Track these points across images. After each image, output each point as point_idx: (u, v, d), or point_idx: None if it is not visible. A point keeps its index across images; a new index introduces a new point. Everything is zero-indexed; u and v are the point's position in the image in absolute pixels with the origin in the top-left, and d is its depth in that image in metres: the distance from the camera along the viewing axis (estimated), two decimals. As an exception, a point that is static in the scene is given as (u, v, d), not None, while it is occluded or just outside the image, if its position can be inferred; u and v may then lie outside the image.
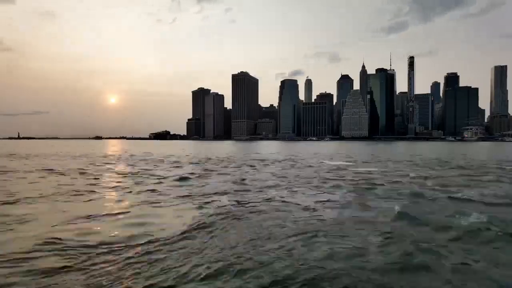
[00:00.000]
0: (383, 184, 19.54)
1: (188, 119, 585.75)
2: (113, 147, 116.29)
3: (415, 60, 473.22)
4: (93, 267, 6.91)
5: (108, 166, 34.40)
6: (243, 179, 22.28)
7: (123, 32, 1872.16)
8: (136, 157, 52.02)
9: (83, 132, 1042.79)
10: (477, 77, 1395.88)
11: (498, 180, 22.04)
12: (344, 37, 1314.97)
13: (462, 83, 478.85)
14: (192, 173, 25.94)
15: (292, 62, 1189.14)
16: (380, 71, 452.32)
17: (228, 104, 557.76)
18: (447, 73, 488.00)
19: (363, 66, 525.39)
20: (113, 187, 19.06)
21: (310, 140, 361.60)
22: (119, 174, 26.41)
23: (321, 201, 14.31)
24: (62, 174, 25.86)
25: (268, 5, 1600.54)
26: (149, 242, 8.60)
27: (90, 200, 14.78)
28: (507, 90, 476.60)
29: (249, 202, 14.16)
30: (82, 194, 16.02)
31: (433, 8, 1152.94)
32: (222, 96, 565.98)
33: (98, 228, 10.14)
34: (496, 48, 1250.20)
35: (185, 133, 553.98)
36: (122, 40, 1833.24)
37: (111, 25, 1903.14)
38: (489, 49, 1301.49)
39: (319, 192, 17.00)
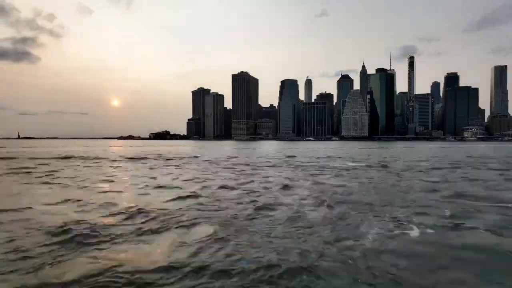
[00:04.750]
0: None
1: (188, 119, 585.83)
2: (168, 147, 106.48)
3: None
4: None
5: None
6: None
7: (123, 32, 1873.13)
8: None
9: (82, 132, 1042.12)
10: (477, 77, 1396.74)
11: None
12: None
13: (462, 83, 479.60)
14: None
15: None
16: (380, 71, 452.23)
17: (228, 104, 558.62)
18: (447, 73, 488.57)
19: (363, 66, 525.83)
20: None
21: (316, 140, 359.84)
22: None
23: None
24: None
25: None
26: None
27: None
28: (507, 90, 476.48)
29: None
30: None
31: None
32: (222, 96, 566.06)
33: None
34: None
35: (185, 133, 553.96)
36: (123, 39, 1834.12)
37: (113, 25, 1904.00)
38: None
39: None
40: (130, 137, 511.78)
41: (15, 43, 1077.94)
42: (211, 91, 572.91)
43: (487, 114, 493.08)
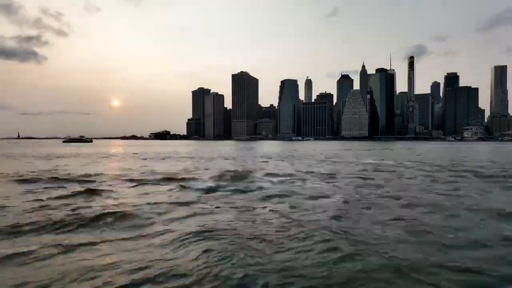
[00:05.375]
0: None
1: (188, 119, 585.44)
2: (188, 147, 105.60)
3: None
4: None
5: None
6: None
7: (123, 32, 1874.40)
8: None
9: (83, 132, 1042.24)
10: (477, 77, 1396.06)
11: None
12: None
13: (462, 83, 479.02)
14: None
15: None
16: (380, 71, 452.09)
17: (228, 104, 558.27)
18: (447, 73, 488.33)
19: (363, 66, 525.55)
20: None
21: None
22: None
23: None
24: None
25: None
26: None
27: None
28: (507, 90, 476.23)
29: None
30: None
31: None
32: (222, 96, 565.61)
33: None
34: None
35: (185, 133, 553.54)
36: (123, 39, 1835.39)
37: (113, 26, 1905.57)
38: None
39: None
40: (133, 137, 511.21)
41: (20, 42, 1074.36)
42: (211, 91, 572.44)
43: (487, 114, 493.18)
